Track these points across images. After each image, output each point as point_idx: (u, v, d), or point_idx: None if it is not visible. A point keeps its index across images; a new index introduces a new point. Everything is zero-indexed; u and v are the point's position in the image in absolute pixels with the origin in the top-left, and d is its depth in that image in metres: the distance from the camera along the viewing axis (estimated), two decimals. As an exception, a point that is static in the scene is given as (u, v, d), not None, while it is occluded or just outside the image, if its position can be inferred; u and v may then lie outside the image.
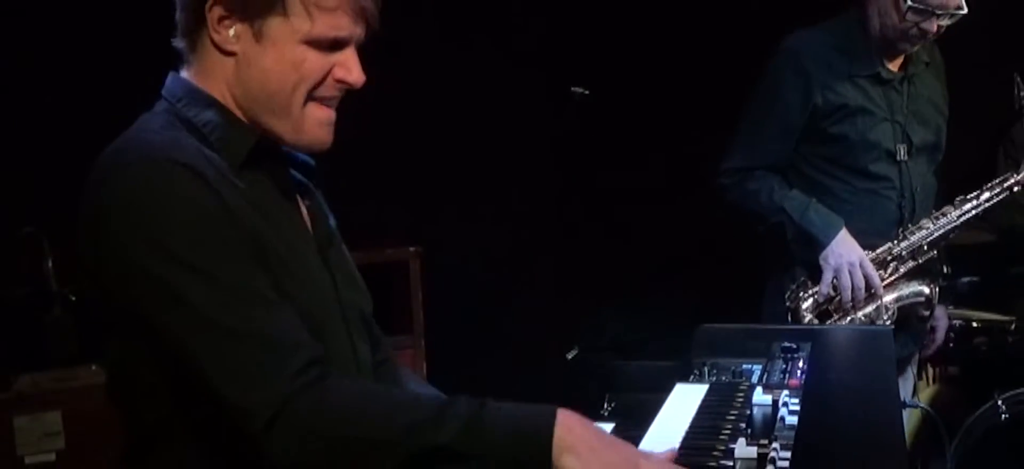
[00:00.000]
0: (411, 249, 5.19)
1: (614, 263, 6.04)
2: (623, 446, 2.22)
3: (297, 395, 2.08)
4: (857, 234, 4.30)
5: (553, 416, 2.14)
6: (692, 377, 3.29)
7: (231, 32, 2.35)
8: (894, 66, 4.42)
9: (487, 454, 2.12)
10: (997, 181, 4.43)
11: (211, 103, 2.40)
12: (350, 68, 2.40)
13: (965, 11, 4.17)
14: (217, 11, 2.33)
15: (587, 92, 5.30)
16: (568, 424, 2.14)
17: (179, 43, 2.45)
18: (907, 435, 4.62)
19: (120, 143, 2.31)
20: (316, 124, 2.42)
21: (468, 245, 5.74)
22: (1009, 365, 5.15)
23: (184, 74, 2.46)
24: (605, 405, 3.22)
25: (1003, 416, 4.91)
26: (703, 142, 4.87)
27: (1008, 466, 4.91)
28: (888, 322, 4.35)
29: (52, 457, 4.23)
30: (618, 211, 5.98)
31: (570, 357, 5.82)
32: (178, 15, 2.42)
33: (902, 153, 4.38)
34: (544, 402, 2.37)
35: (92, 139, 4.37)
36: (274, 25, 2.33)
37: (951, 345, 5.02)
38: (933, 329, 4.85)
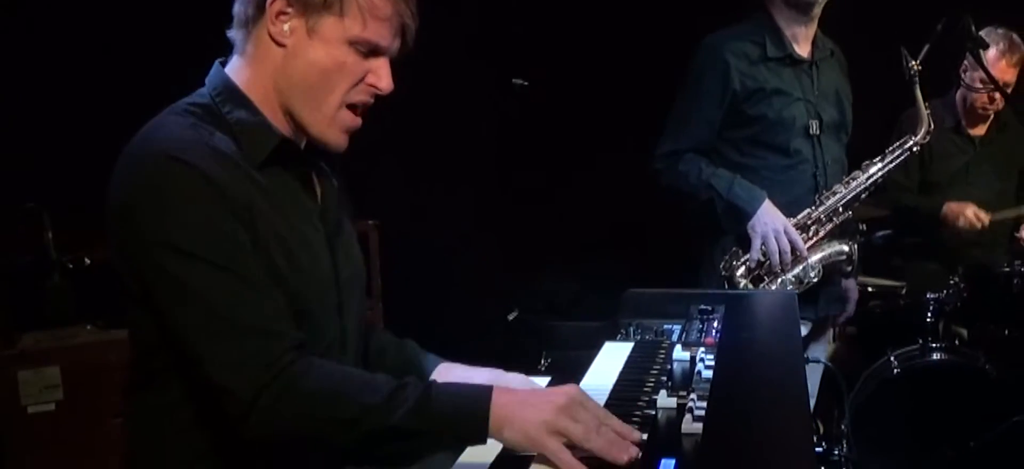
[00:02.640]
0: (370, 223, 5.20)
1: (550, 235, 6.06)
2: (556, 395, 2.23)
3: (273, 382, 2.15)
4: (779, 205, 4.31)
5: (489, 396, 2.20)
6: (619, 336, 3.30)
7: (286, 26, 2.38)
8: (804, 50, 4.44)
9: (432, 432, 2.20)
10: (898, 144, 4.44)
11: (246, 103, 2.42)
12: (381, 76, 2.45)
13: None
14: (278, 5, 2.36)
15: (526, 83, 5.32)
16: (502, 401, 2.20)
17: (234, 33, 2.46)
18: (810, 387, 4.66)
19: (137, 139, 2.31)
20: (342, 128, 2.47)
21: (421, 219, 5.74)
22: (900, 326, 5.18)
23: (230, 67, 2.48)
24: (542, 360, 3.22)
25: (895, 370, 4.96)
26: (633, 128, 4.89)
27: (899, 414, 4.95)
28: (815, 280, 4.38)
29: (52, 406, 4.27)
30: (555, 189, 5.99)
31: (511, 318, 5.85)
32: (237, 7, 2.43)
33: (814, 128, 4.39)
34: (489, 358, 2.38)
35: (89, 120, 4.38)
36: (328, 24, 2.37)
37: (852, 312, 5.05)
38: (847, 298, 4.88)
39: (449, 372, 2.81)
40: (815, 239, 4.39)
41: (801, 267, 4.36)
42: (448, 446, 2.30)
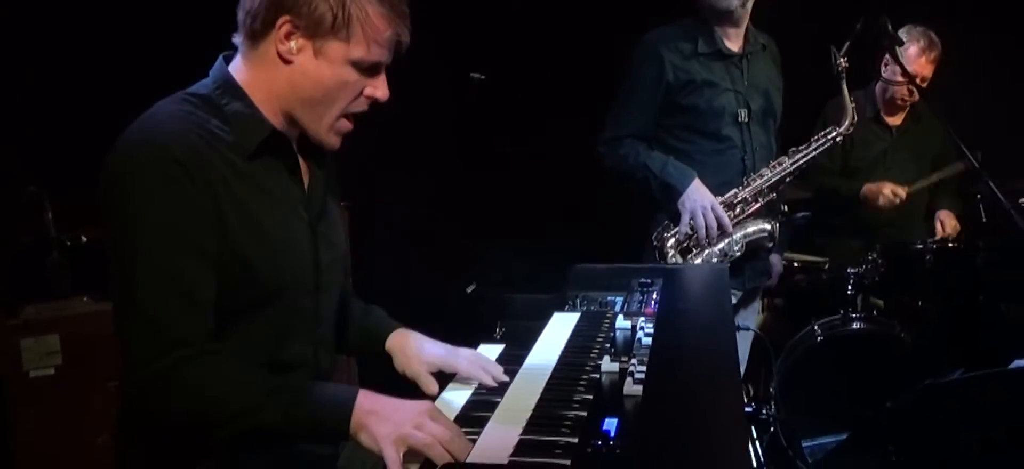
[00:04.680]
0: (342, 204, 5.18)
1: (506, 215, 6.06)
2: (412, 407, 2.26)
3: (157, 376, 2.20)
4: (711, 186, 4.33)
5: (353, 400, 2.25)
6: (567, 307, 3.32)
7: (293, 44, 2.37)
8: (734, 45, 4.47)
9: (301, 431, 2.25)
10: (822, 133, 4.48)
11: (242, 96, 2.43)
12: (379, 88, 2.49)
13: None
14: (287, 27, 2.35)
15: (483, 77, 5.33)
16: (364, 407, 2.24)
17: (239, 39, 2.45)
18: (741, 353, 4.69)
19: (132, 126, 2.32)
20: (338, 134, 2.51)
21: (388, 201, 5.74)
22: (823, 298, 5.21)
23: (233, 66, 2.47)
24: (497, 329, 3.24)
25: (818, 338, 4.99)
26: (580, 117, 4.90)
27: (822, 378, 4.98)
28: (738, 254, 4.40)
29: (51, 371, 4.29)
30: (510, 173, 5.99)
31: (469, 291, 5.85)
32: (242, 16, 2.42)
33: (743, 116, 4.42)
34: (450, 326, 2.41)
35: (86, 109, 4.36)
36: (333, 46, 2.37)
37: (776, 283, 5.09)
38: (770, 272, 4.92)
39: (405, 338, 2.86)
40: (741, 217, 4.42)
41: (726, 242, 4.39)
42: (317, 442, 2.39)
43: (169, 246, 2.22)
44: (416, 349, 2.81)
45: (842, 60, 4.38)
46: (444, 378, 2.76)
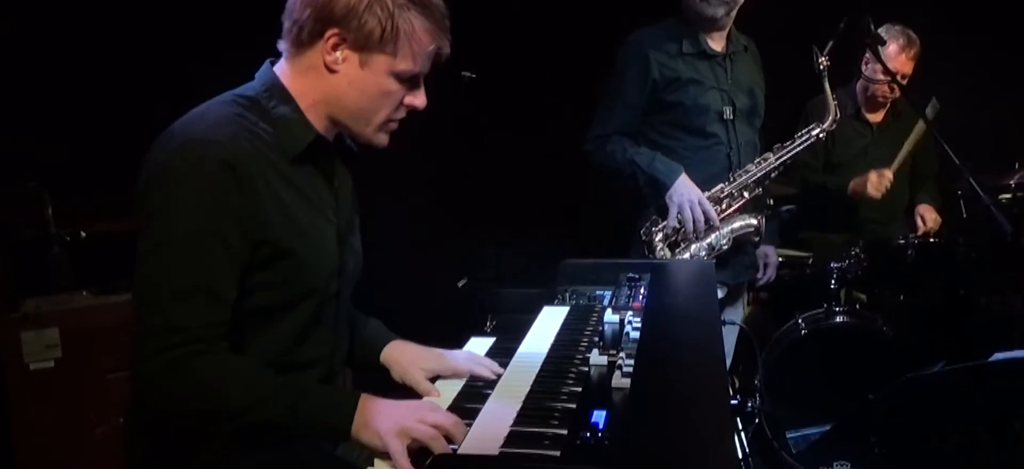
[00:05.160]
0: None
1: (497, 211, 6.07)
2: (411, 403, 2.31)
3: (165, 368, 2.21)
4: (696, 181, 4.34)
5: (354, 402, 2.28)
6: (557, 301, 3.33)
7: (339, 54, 2.40)
8: (718, 45, 4.48)
9: (303, 428, 2.27)
10: (805, 131, 4.51)
11: (289, 100, 2.45)
12: (418, 97, 2.52)
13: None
14: (334, 39, 2.37)
15: (474, 76, 5.33)
16: (365, 407, 2.27)
17: (284, 47, 2.48)
18: (727, 346, 4.70)
19: (178, 122, 2.36)
20: (385, 134, 2.55)
21: (381, 197, 5.73)
22: (807, 291, 5.22)
23: (279, 68, 2.50)
24: (488, 323, 3.24)
25: (802, 332, 5.00)
26: (569, 115, 4.91)
27: (806, 371, 4.99)
28: (726, 247, 4.41)
29: (51, 364, 4.30)
30: (501, 169, 5.99)
31: (461, 285, 5.85)
32: (288, 24, 2.44)
33: (728, 113, 4.44)
34: (442, 319, 2.41)
35: (86, 109, 4.35)
36: (379, 59, 2.40)
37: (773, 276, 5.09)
38: (766, 266, 4.93)
39: (401, 349, 2.88)
40: (727, 212, 4.43)
41: (713, 236, 4.41)
42: (319, 440, 2.41)
43: (201, 243, 2.24)
44: (412, 357, 2.83)
45: (824, 59, 4.41)
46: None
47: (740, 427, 4.53)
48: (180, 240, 2.22)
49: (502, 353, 2.84)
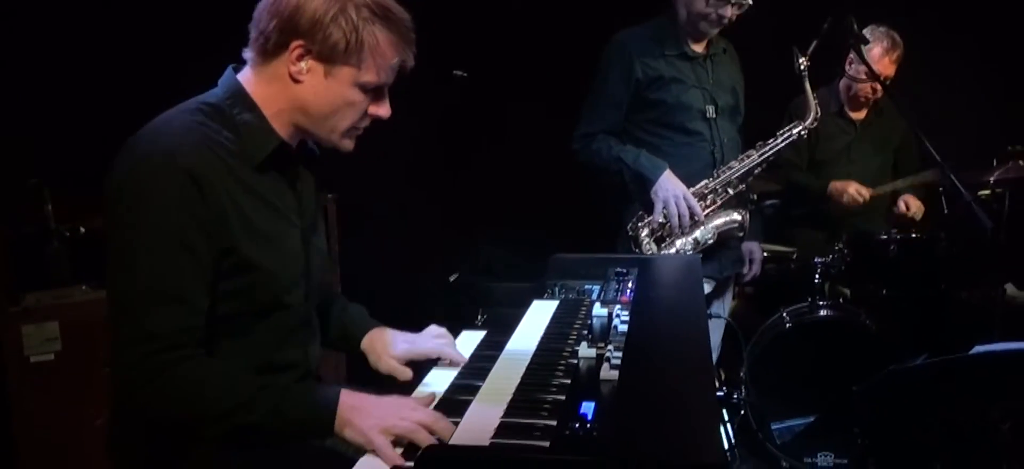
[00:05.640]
0: (330, 197, 5.23)
1: (487, 207, 6.08)
2: (393, 399, 2.31)
3: (147, 376, 2.21)
4: (680, 177, 4.37)
5: (336, 400, 2.27)
6: (546, 295, 3.33)
7: (304, 65, 2.39)
8: (698, 48, 4.51)
9: (286, 429, 2.27)
10: (787, 128, 4.54)
11: (253, 108, 2.44)
12: (383, 107, 2.52)
13: (751, 3, 4.34)
14: (299, 50, 2.37)
15: (466, 74, 5.33)
16: (347, 404, 2.27)
17: (250, 55, 2.46)
18: (713, 339, 4.70)
19: (144, 131, 2.34)
20: (349, 140, 2.55)
21: (374, 193, 5.74)
22: (791, 286, 5.23)
23: (243, 76, 2.48)
24: (479, 316, 3.24)
25: (787, 325, 5.02)
26: (556, 114, 4.91)
27: (790, 363, 5.00)
28: (711, 242, 4.43)
29: (51, 357, 4.32)
30: (492, 166, 6.00)
31: (453, 279, 5.86)
32: (255, 33, 2.43)
33: (711, 112, 4.48)
34: (433, 314, 2.42)
35: (85, 107, 4.35)
36: (344, 71, 2.40)
37: (759, 271, 5.10)
38: (751, 261, 4.94)
39: (376, 337, 2.89)
40: (712, 207, 4.45)
41: (699, 231, 4.43)
42: (302, 440, 2.38)
43: (169, 252, 2.23)
44: (384, 345, 2.85)
45: (803, 60, 4.44)
46: (418, 368, 2.80)
47: (726, 418, 4.55)
48: (148, 249, 2.22)
49: (493, 346, 2.84)
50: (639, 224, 4.45)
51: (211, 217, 2.28)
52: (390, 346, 2.83)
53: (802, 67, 4.46)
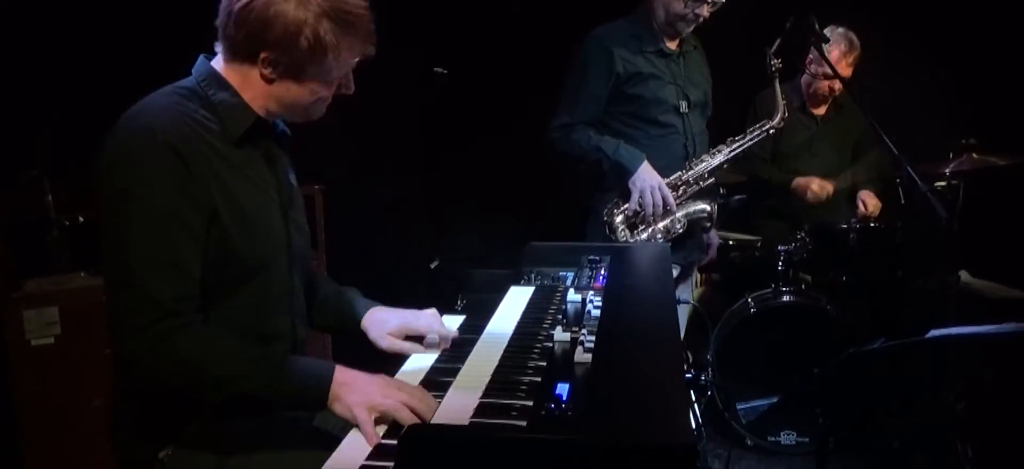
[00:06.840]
0: (316, 187, 5.22)
1: (467, 196, 6.08)
2: (381, 378, 2.32)
3: (150, 344, 2.21)
4: (655, 168, 4.39)
5: (331, 373, 2.29)
6: (523, 281, 3.32)
7: (272, 72, 2.41)
8: (672, 45, 4.54)
9: (283, 398, 2.29)
10: (757, 126, 4.59)
11: (228, 87, 2.45)
12: (349, 85, 2.52)
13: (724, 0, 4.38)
14: (267, 58, 2.38)
15: (446, 72, 5.33)
16: (339, 379, 2.28)
17: (221, 50, 2.46)
18: (681, 324, 4.72)
19: (128, 114, 2.34)
20: (319, 114, 2.55)
21: (359, 184, 5.74)
22: (756, 273, 5.25)
23: (216, 63, 2.48)
24: (458, 302, 3.25)
25: (752, 310, 5.05)
26: (532, 106, 4.91)
27: (755, 347, 5.02)
28: (681, 231, 4.46)
29: (51, 340, 4.30)
30: (471, 157, 6.00)
31: (433, 266, 5.85)
32: (226, 38, 2.42)
33: (683, 107, 4.52)
34: (414, 299, 2.42)
35: (84, 97, 4.34)
36: (312, 73, 2.41)
37: (715, 258, 5.12)
38: (709, 247, 4.96)
39: (374, 316, 2.88)
40: (683, 198, 4.47)
41: (670, 220, 4.45)
42: (295, 410, 2.43)
43: (161, 223, 2.23)
44: (382, 323, 2.84)
45: (776, 61, 4.47)
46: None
47: (694, 399, 4.56)
48: (142, 220, 2.22)
49: (471, 330, 2.84)
50: (614, 211, 4.47)
51: (197, 188, 2.29)
52: (387, 324, 2.83)
53: (774, 68, 4.51)
